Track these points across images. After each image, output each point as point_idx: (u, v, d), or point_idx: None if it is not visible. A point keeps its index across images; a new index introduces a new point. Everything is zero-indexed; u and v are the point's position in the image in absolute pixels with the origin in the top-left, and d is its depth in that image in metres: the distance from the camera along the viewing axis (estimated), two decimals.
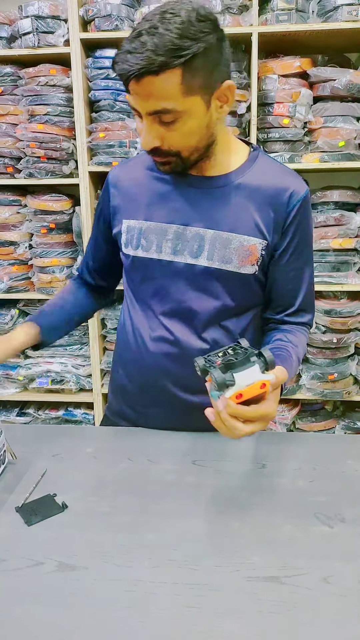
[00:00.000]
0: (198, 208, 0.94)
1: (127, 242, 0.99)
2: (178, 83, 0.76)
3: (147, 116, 0.81)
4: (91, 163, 2.02)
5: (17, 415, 2.36)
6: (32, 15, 1.90)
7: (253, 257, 0.93)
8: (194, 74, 0.77)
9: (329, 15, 1.82)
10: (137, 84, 0.76)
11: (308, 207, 0.96)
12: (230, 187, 0.93)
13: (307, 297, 1.02)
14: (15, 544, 0.73)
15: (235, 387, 0.71)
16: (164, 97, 0.77)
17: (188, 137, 0.84)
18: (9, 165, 2.07)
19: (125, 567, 0.68)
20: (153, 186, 0.97)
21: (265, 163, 0.96)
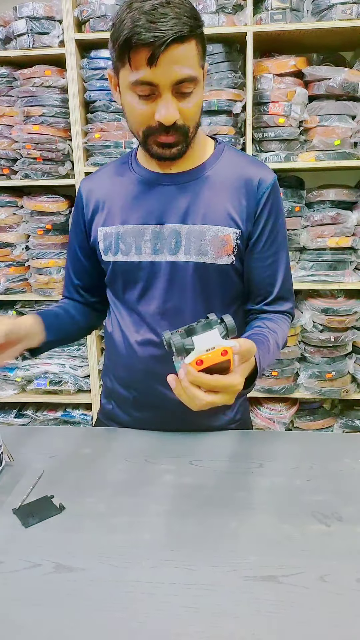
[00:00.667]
0: (171, 204, 0.94)
1: (105, 249, 0.99)
2: (196, 51, 0.81)
3: (169, 88, 0.80)
4: (87, 164, 2.02)
5: (15, 417, 2.35)
6: (26, 17, 1.90)
7: (228, 247, 0.94)
8: (201, 46, 0.83)
9: (323, 14, 1.82)
10: (165, 52, 0.76)
11: (277, 194, 0.97)
12: (200, 180, 0.95)
13: (284, 285, 1.02)
14: (12, 545, 0.73)
15: (195, 352, 0.69)
16: (188, 63, 0.80)
17: (197, 110, 0.87)
18: (5, 167, 2.07)
19: (123, 568, 0.68)
20: (124, 191, 0.98)
21: (231, 155, 0.98)
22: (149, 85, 0.80)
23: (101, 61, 1.93)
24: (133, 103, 0.84)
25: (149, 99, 0.82)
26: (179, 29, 0.76)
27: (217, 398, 0.71)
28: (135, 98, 0.83)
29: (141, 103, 0.83)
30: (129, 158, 1.02)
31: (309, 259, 2.02)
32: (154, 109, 0.82)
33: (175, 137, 0.86)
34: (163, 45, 0.75)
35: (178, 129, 0.85)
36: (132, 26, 0.76)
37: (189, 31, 0.77)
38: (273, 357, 0.94)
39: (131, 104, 0.84)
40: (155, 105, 0.82)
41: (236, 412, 1.10)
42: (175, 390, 0.73)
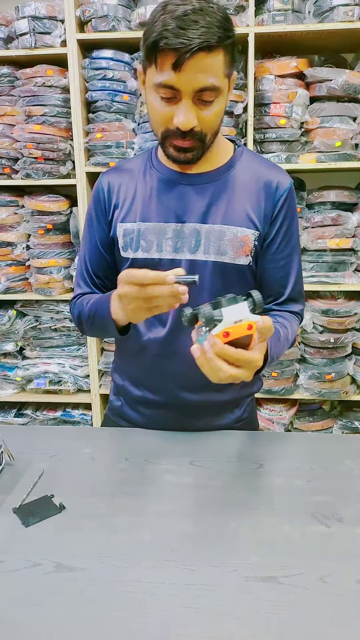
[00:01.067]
0: (191, 204, 0.95)
1: (125, 245, 0.99)
2: (222, 62, 0.81)
3: (190, 95, 0.81)
4: (88, 164, 2.02)
5: (14, 416, 2.35)
6: (29, 16, 1.90)
7: (247, 247, 0.95)
8: (230, 56, 0.83)
9: (325, 16, 1.83)
10: (191, 59, 0.77)
11: (293, 198, 0.99)
12: (221, 182, 0.96)
13: (296, 287, 1.03)
14: (12, 545, 0.73)
15: (223, 324, 0.70)
16: (212, 73, 0.80)
17: (217, 119, 0.87)
18: (6, 166, 2.07)
19: (123, 568, 0.68)
20: (145, 187, 0.98)
21: (250, 158, 1.00)
22: (171, 89, 0.81)
23: (103, 61, 1.93)
24: (155, 103, 0.85)
25: (170, 101, 0.83)
26: (207, 38, 0.76)
27: (239, 372, 0.72)
28: (157, 99, 0.84)
29: (163, 105, 0.84)
30: (149, 155, 1.02)
31: (310, 260, 2.02)
32: (173, 113, 0.83)
33: (192, 142, 0.87)
34: (189, 53, 0.76)
35: (195, 135, 0.86)
36: (161, 29, 0.77)
37: (217, 42, 0.78)
38: (282, 350, 0.95)
39: (153, 104, 0.85)
40: (175, 109, 0.83)
41: (243, 411, 1.10)
42: (198, 360, 0.73)
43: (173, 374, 1.00)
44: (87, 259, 1.07)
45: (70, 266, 2.18)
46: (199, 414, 1.05)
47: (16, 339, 2.27)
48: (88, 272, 1.07)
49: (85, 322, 1.02)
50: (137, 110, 2.00)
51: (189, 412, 1.02)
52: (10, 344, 2.26)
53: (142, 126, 1.97)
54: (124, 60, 1.95)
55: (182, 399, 1.02)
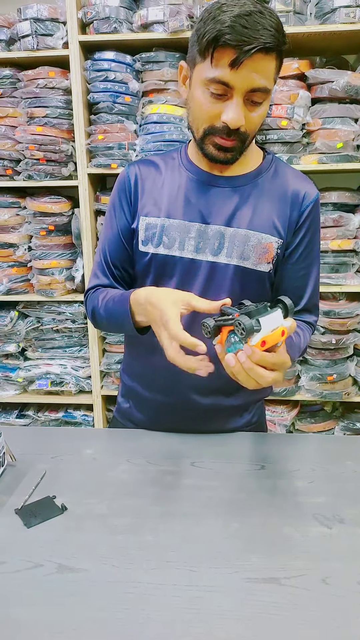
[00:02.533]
0: (218, 206, 0.95)
1: (146, 239, 0.98)
2: (274, 66, 0.83)
3: (242, 94, 0.82)
4: (90, 165, 2.02)
5: (16, 417, 2.36)
6: (31, 18, 1.90)
7: (269, 255, 0.95)
8: (280, 62, 0.84)
9: (326, 17, 1.83)
10: (250, 58, 0.78)
11: (319, 210, 0.99)
12: (249, 187, 0.96)
13: (312, 298, 1.03)
14: (14, 546, 0.73)
15: (261, 333, 0.71)
16: (266, 75, 0.81)
17: (260, 121, 0.88)
18: (8, 168, 2.07)
19: (124, 569, 0.68)
20: (173, 184, 0.98)
21: (280, 166, 1.00)
22: (224, 85, 0.81)
23: (104, 63, 1.93)
24: (202, 99, 0.84)
25: (220, 98, 0.83)
26: (268, 40, 0.77)
27: (276, 375, 0.74)
28: (206, 94, 0.84)
29: (211, 101, 0.84)
30: (178, 153, 1.02)
31: None
32: (221, 110, 0.83)
33: (235, 142, 0.88)
34: (250, 51, 0.77)
35: (239, 135, 0.86)
36: (222, 26, 0.77)
37: (276, 45, 0.79)
38: (295, 356, 0.95)
39: (200, 100, 0.85)
40: (224, 107, 0.83)
41: (253, 415, 1.10)
42: (233, 369, 0.74)
43: (184, 376, 1.00)
44: (108, 249, 1.03)
45: (72, 267, 2.18)
46: (209, 418, 1.05)
47: (18, 340, 2.27)
48: (107, 263, 1.04)
49: (99, 317, 1.00)
50: (139, 111, 2.01)
51: (199, 415, 1.02)
52: (12, 345, 2.27)
53: (144, 127, 1.98)
54: (126, 62, 1.95)
55: (193, 402, 1.02)
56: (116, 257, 1.03)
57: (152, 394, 1.06)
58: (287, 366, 0.76)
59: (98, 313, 1.00)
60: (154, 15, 1.85)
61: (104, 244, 1.04)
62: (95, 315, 1.02)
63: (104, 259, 1.04)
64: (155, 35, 1.87)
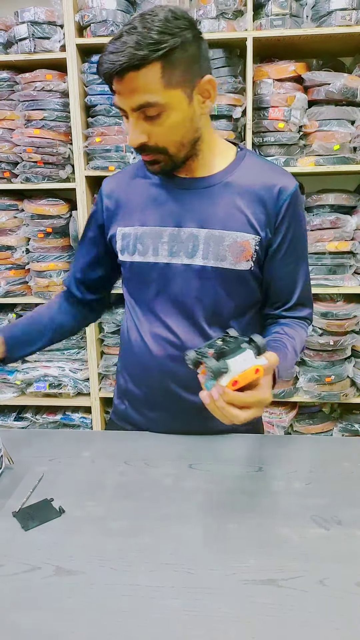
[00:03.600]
0: (190, 209, 0.95)
1: (123, 249, 1.00)
2: (159, 76, 0.80)
3: (132, 113, 0.83)
4: (88, 167, 2.03)
5: (14, 420, 2.35)
6: (28, 21, 1.91)
7: (247, 252, 0.95)
8: (174, 68, 0.80)
9: (323, 20, 1.84)
10: (121, 81, 0.80)
11: (298, 202, 0.97)
12: (219, 186, 0.95)
13: (304, 292, 1.03)
14: (12, 548, 0.73)
15: (230, 374, 0.71)
16: (146, 90, 0.80)
17: (173, 131, 0.86)
18: (6, 170, 2.07)
19: (122, 572, 0.68)
20: (145, 192, 0.99)
21: (252, 161, 0.98)
22: (120, 109, 0.85)
23: None
24: (124, 121, 0.89)
25: (127, 120, 0.86)
26: (128, 59, 0.77)
27: (251, 413, 0.75)
28: (124, 117, 0.88)
29: (125, 123, 0.87)
30: None
31: (309, 263, 2.02)
32: None
33: (152, 156, 0.88)
34: (114, 76, 0.79)
35: (151, 149, 0.87)
36: (101, 55, 0.81)
37: (141, 59, 0.77)
38: (291, 364, 0.96)
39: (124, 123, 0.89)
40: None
41: None
42: (208, 407, 0.76)
43: (177, 376, 1.00)
44: (77, 256, 1.13)
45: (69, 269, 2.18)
46: (205, 418, 1.04)
47: None
48: (74, 269, 1.14)
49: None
50: None
51: (195, 415, 1.02)
52: None
53: None
54: None
55: (187, 402, 1.02)
56: (82, 262, 1.11)
57: (147, 395, 1.06)
58: (266, 402, 0.76)
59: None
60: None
61: (77, 251, 1.14)
62: None
63: (73, 264, 1.14)
64: None
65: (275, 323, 1.04)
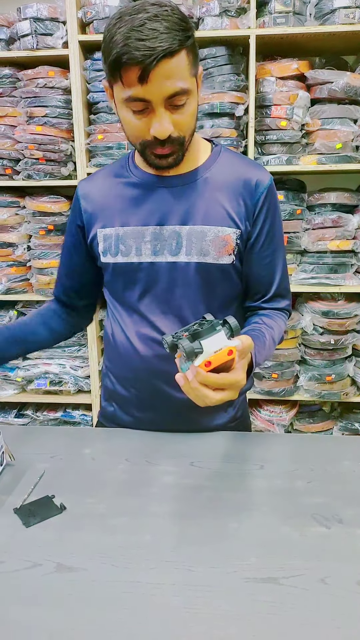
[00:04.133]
0: (171, 206, 0.95)
1: (105, 250, 0.99)
2: (187, 63, 0.80)
3: (162, 103, 0.81)
4: (90, 165, 2.02)
5: (15, 417, 2.35)
6: (30, 17, 1.90)
7: (229, 246, 0.95)
8: (193, 55, 0.82)
9: (326, 18, 1.83)
10: (156, 68, 0.76)
11: (274, 195, 0.99)
12: (198, 182, 0.96)
13: (282, 283, 1.04)
14: (13, 545, 0.73)
15: (204, 355, 0.71)
16: (179, 77, 0.79)
17: (192, 119, 0.87)
18: (8, 167, 2.07)
19: (123, 569, 0.69)
20: (124, 192, 0.98)
21: (228, 157, 1.00)
22: (141, 101, 0.81)
23: None
24: (128, 117, 0.85)
25: (143, 113, 0.83)
26: (169, 44, 0.75)
27: (225, 395, 0.74)
28: (129, 113, 0.84)
29: (136, 118, 0.84)
30: (126, 161, 1.03)
31: (310, 261, 2.03)
32: (148, 124, 0.83)
33: (171, 148, 0.87)
34: (153, 63, 0.76)
35: (173, 141, 0.86)
36: (122, 44, 0.76)
37: (179, 45, 0.77)
38: (269, 352, 0.96)
39: (126, 118, 0.85)
40: (150, 120, 0.83)
41: (237, 410, 1.11)
42: (183, 388, 0.75)
43: (166, 375, 1.00)
44: (62, 264, 1.12)
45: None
46: (193, 415, 1.04)
47: None
48: (60, 277, 1.13)
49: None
50: None
51: (183, 412, 1.02)
52: None
53: None
54: None
55: (176, 401, 1.01)
56: (67, 270, 1.11)
57: (135, 395, 1.06)
58: (240, 385, 0.75)
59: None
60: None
61: (60, 258, 1.12)
62: None
63: (59, 272, 1.13)
64: None
65: (254, 314, 1.04)
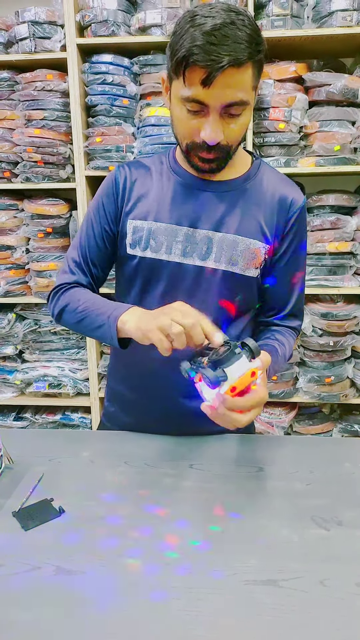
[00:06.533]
0: (206, 210, 0.95)
1: (134, 243, 0.98)
2: (251, 76, 0.81)
3: (218, 110, 0.81)
4: (88, 167, 2.02)
5: (14, 420, 2.35)
6: (28, 21, 1.91)
7: (257, 260, 0.96)
8: (258, 68, 0.83)
9: (323, 21, 1.84)
10: (220, 75, 0.77)
11: (305, 216, 1.00)
12: (237, 192, 0.96)
13: (298, 303, 1.05)
14: (12, 548, 0.73)
15: (229, 381, 0.72)
16: (241, 88, 0.80)
17: (243, 130, 0.87)
18: (6, 170, 2.07)
19: (123, 572, 0.68)
20: (162, 188, 0.98)
21: (268, 171, 1.00)
22: (199, 103, 0.81)
23: (102, 66, 1.94)
24: (181, 115, 0.85)
25: (197, 114, 0.83)
26: (237, 55, 0.76)
27: (252, 414, 0.76)
28: (184, 111, 0.84)
29: (189, 117, 0.84)
30: (166, 157, 1.02)
31: (309, 263, 2.03)
32: (200, 126, 0.83)
33: (217, 154, 0.88)
34: (219, 70, 0.76)
35: (221, 148, 0.86)
36: (191, 45, 0.76)
37: (249, 57, 0.77)
38: (280, 367, 0.97)
39: (179, 116, 0.85)
40: (202, 123, 0.83)
41: None
42: (211, 416, 0.76)
43: (172, 380, 1.00)
44: (87, 247, 1.02)
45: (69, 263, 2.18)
46: (197, 420, 1.04)
47: (15, 343, 2.27)
48: (86, 261, 1.02)
49: (71, 317, 0.98)
50: (137, 114, 2.01)
51: (187, 418, 1.01)
52: (9, 347, 2.26)
53: (142, 130, 1.98)
54: (124, 65, 1.96)
55: (180, 406, 1.01)
56: (96, 256, 1.02)
57: (137, 397, 1.06)
58: (264, 401, 0.77)
59: (71, 312, 0.97)
60: (151, 18, 1.86)
61: (83, 242, 1.02)
62: (64, 313, 0.99)
63: (83, 257, 1.02)
64: (153, 39, 1.88)
65: (267, 329, 1.05)
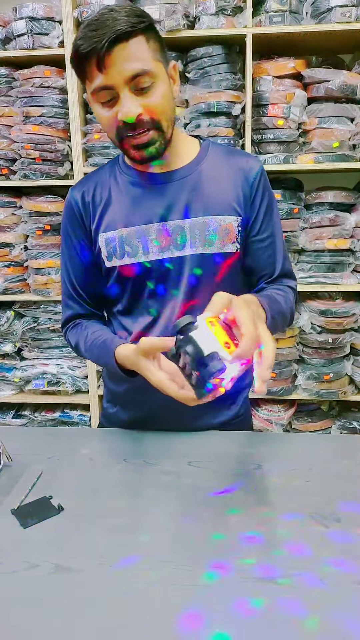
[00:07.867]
0: (171, 202, 0.96)
1: (109, 254, 0.98)
2: (145, 46, 0.83)
3: (125, 86, 0.83)
4: (86, 164, 2.02)
5: (13, 417, 2.35)
6: (26, 17, 1.90)
7: (232, 234, 0.96)
8: (154, 42, 0.85)
9: (322, 17, 1.83)
10: (109, 55, 0.80)
11: (266, 178, 1.01)
12: (194, 175, 0.97)
13: (285, 263, 1.05)
14: (11, 546, 0.73)
15: (213, 348, 0.65)
16: (137, 58, 0.82)
17: (165, 102, 0.87)
18: (4, 167, 2.07)
19: (121, 569, 0.68)
20: (120, 193, 0.98)
21: (218, 148, 1.02)
22: (106, 89, 0.83)
23: None
24: (100, 112, 0.87)
25: (110, 104, 0.85)
26: (118, 28, 0.78)
27: (265, 331, 0.68)
28: (100, 107, 0.86)
29: (105, 110, 0.86)
30: (116, 163, 1.02)
31: (307, 260, 2.03)
32: (117, 112, 0.85)
33: (148, 135, 0.87)
34: (104, 48, 0.78)
35: (146, 125, 0.86)
36: (77, 40, 0.81)
37: (131, 27, 0.79)
38: (284, 308, 0.95)
39: (99, 114, 0.87)
40: (118, 107, 0.84)
41: (240, 407, 1.11)
42: (266, 377, 0.66)
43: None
44: (74, 278, 1.05)
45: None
46: (197, 414, 1.04)
47: (14, 340, 2.26)
48: (77, 291, 1.05)
49: (84, 353, 1.04)
50: None
51: (187, 411, 1.01)
52: (8, 345, 2.26)
53: None
54: None
55: (178, 401, 1.01)
56: (84, 283, 1.05)
57: (137, 395, 1.06)
58: (255, 315, 0.69)
59: (82, 351, 1.05)
60: (149, 14, 1.85)
61: (68, 275, 1.05)
62: (79, 351, 1.06)
63: (72, 288, 1.06)
64: None
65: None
